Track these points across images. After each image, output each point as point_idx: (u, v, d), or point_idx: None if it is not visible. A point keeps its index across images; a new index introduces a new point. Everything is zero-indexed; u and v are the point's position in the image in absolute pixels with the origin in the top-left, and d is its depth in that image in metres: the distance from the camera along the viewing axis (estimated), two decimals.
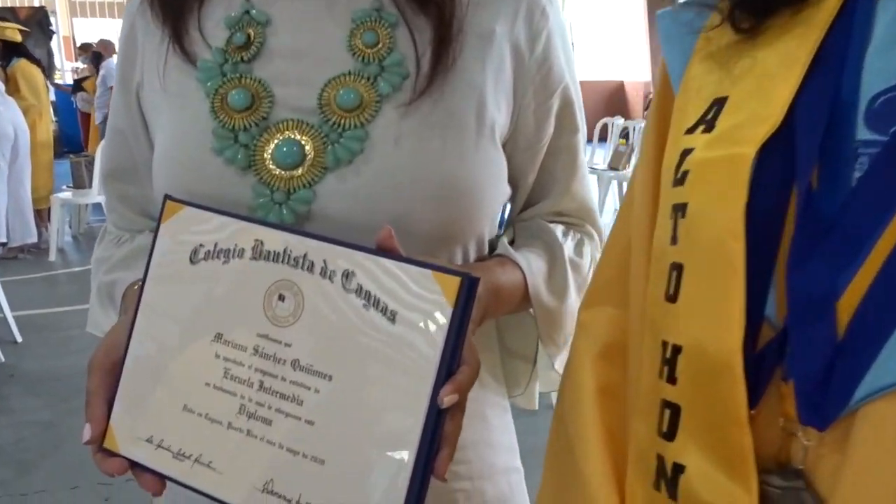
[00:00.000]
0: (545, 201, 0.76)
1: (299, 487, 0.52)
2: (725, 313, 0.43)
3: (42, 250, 5.45)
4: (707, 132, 0.48)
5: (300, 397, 0.52)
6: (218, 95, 0.65)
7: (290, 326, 0.53)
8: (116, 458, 0.57)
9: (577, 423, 0.59)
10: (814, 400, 0.41)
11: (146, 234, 0.78)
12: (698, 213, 0.46)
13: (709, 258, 0.45)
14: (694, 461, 0.45)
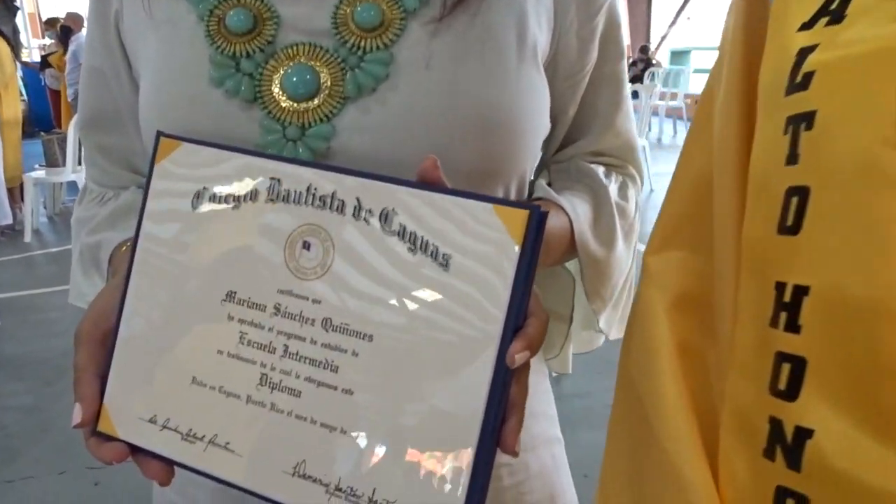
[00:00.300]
0: (585, 139, 0.67)
1: (338, 469, 0.43)
2: (876, 243, 0.35)
3: (17, 232, 5.30)
4: (834, 24, 0.39)
5: (334, 363, 0.44)
6: (213, 17, 0.56)
7: (318, 279, 0.44)
8: (114, 442, 0.48)
9: (652, 387, 0.50)
10: None
11: (133, 191, 0.68)
12: (834, 122, 0.37)
13: (850, 176, 0.36)
14: (826, 423, 0.37)
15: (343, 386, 0.43)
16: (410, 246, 0.43)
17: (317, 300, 0.44)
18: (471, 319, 0.42)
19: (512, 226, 0.41)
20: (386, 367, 0.43)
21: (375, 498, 0.42)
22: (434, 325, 0.42)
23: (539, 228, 0.41)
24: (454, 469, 0.41)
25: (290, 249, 0.45)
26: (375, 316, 0.43)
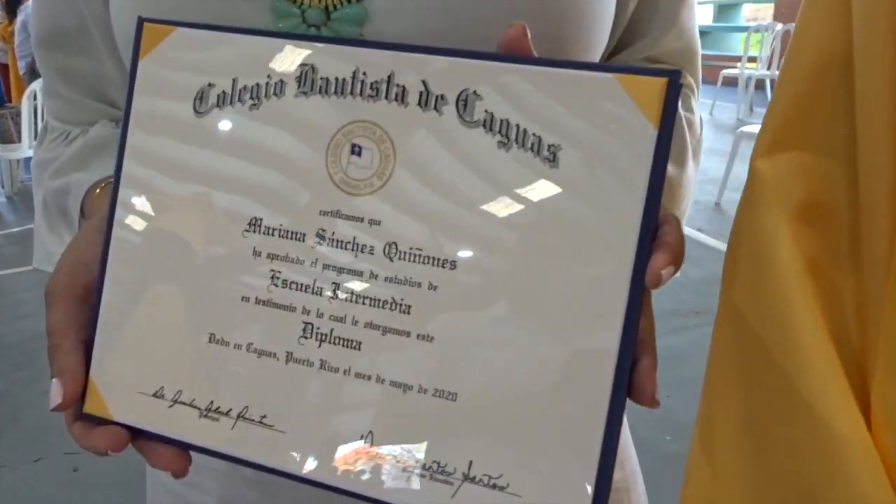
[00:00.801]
0: (643, 40, 0.55)
1: (417, 441, 0.33)
2: None
3: None
4: None
5: (405, 301, 0.33)
6: None
7: (374, 193, 0.33)
8: (107, 426, 0.37)
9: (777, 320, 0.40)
10: None
11: (104, 125, 0.56)
12: None
13: None
14: None
15: (418, 331, 0.33)
16: (502, 139, 0.32)
17: (375, 221, 0.33)
18: (590, 231, 0.31)
19: (644, 100, 0.30)
20: (475, 302, 0.32)
21: (473, 473, 0.32)
22: (538, 241, 0.31)
23: (676, 102, 0.31)
24: (580, 426, 0.31)
25: (335, 157, 0.34)
26: (457, 235, 0.32)
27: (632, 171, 0.30)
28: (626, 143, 0.30)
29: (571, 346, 0.31)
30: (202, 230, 0.36)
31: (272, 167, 0.35)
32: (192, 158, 0.36)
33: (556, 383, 0.31)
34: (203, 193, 0.36)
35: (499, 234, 0.32)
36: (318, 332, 0.34)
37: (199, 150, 0.36)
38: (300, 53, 0.34)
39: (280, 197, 0.35)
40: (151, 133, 0.37)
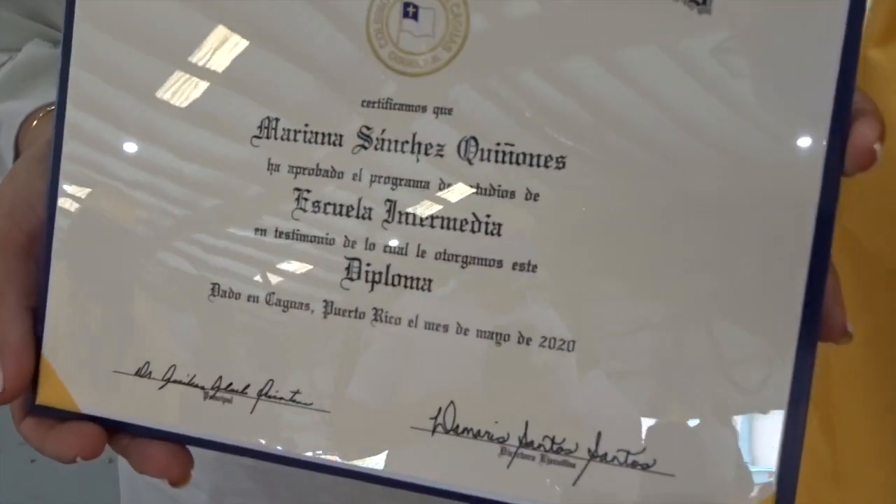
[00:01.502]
0: None
1: (516, 410, 0.24)
2: None
3: None
4: None
5: (492, 218, 0.23)
6: None
7: (440, 70, 0.24)
8: (74, 423, 0.27)
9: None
10: None
11: (37, 43, 0.45)
12: None
13: None
14: None
15: (514, 258, 0.23)
16: None
17: (444, 109, 0.24)
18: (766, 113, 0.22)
19: None
20: (594, 216, 0.23)
21: (600, 451, 0.23)
22: (687, 128, 0.22)
23: None
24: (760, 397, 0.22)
25: (379, 22, 0.24)
26: (566, 124, 0.23)
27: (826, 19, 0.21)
28: None
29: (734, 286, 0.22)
30: (189, 143, 0.26)
31: (291, 41, 0.25)
32: (167, 39, 0.26)
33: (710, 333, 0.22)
34: (188, 93, 0.26)
35: (630, 114, 0.22)
36: (369, 270, 0.24)
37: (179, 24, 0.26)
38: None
39: (305, 84, 0.25)
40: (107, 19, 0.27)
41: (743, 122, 0.22)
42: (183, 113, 0.26)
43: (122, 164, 0.27)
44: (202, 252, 0.26)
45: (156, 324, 0.27)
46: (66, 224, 0.27)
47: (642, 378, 0.23)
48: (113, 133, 0.27)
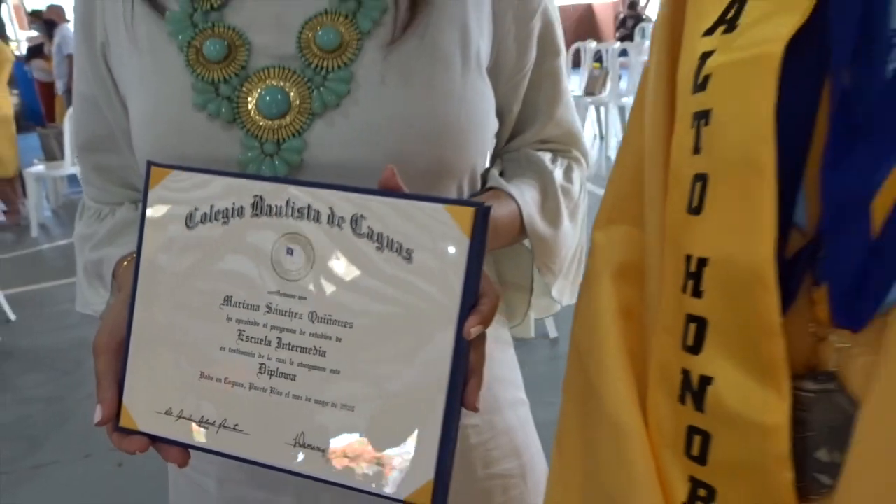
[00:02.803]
0: (530, 130, 0.74)
1: (330, 436, 0.51)
2: (756, 222, 0.42)
3: (23, 227, 5.38)
4: (728, 32, 0.46)
5: (322, 348, 0.51)
6: (192, 48, 0.62)
7: (302, 279, 0.52)
8: (135, 435, 0.56)
9: (596, 346, 0.58)
10: (848, 301, 0.40)
11: (128, 207, 0.74)
12: (723, 120, 0.44)
13: (736, 166, 0.43)
14: (723, 372, 0.45)
15: (331, 367, 0.51)
16: (378, 245, 0.50)
17: (302, 297, 0.52)
18: (433, 302, 0.49)
19: (461, 221, 0.48)
20: (365, 348, 0.50)
21: (368, 457, 0.50)
22: (403, 309, 0.50)
23: (485, 222, 0.49)
24: (429, 425, 0.49)
25: (277, 255, 0.52)
26: (353, 306, 0.51)
27: (456, 264, 0.48)
28: (451, 247, 0.48)
29: (421, 376, 0.49)
30: (193, 305, 0.55)
31: (238, 262, 0.54)
32: (185, 257, 0.55)
33: (414, 398, 0.49)
34: (193, 280, 0.55)
35: (377, 304, 0.50)
36: (269, 369, 0.52)
37: (190, 251, 0.55)
38: (252, 188, 0.53)
39: (243, 282, 0.53)
40: (157, 241, 0.56)
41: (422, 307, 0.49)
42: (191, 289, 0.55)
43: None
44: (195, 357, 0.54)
45: (174, 391, 0.55)
46: (137, 337, 0.56)
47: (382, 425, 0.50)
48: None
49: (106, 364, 0.56)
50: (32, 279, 4.30)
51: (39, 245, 5.07)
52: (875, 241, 0.39)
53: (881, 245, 0.38)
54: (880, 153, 0.39)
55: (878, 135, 0.39)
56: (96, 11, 0.68)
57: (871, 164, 0.39)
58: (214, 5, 0.62)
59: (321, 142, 0.60)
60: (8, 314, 3.73)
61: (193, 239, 0.54)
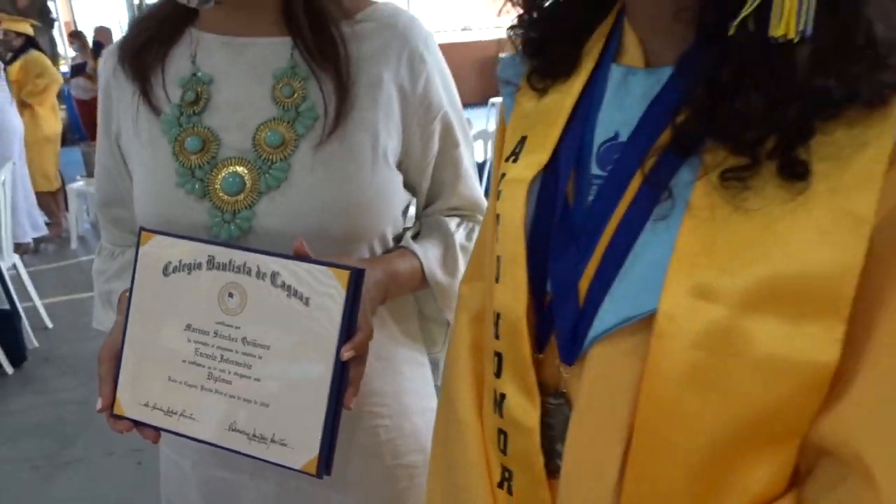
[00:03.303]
0: (440, 201, 0.97)
1: (253, 424, 0.74)
2: (518, 291, 0.64)
3: (64, 239, 5.71)
4: (514, 162, 0.68)
5: (248, 363, 0.74)
6: (178, 142, 0.86)
7: (238, 315, 0.75)
8: (123, 419, 0.80)
9: (453, 370, 0.80)
10: (566, 346, 0.62)
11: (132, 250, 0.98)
12: (504, 222, 0.66)
13: (510, 254, 0.65)
14: (510, 391, 0.67)
15: (254, 376, 0.74)
16: (287, 293, 0.73)
17: (238, 327, 0.75)
18: (322, 333, 0.72)
19: (342, 279, 0.71)
20: (276, 364, 0.73)
21: (275, 439, 0.73)
22: (302, 337, 0.72)
23: (358, 280, 0.71)
24: (318, 418, 0.72)
25: (222, 297, 0.76)
26: (270, 334, 0.74)
27: (336, 308, 0.71)
28: (334, 296, 0.71)
29: (314, 384, 0.72)
30: (166, 328, 0.78)
31: (196, 300, 0.77)
32: (162, 295, 0.79)
33: (307, 399, 0.72)
34: (167, 311, 0.78)
35: (285, 334, 0.73)
36: (214, 376, 0.76)
37: (165, 292, 0.78)
38: (208, 250, 0.76)
39: (200, 315, 0.77)
40: (143, 283, 0.80)
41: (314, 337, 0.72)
42: (165, 319, 0.78)
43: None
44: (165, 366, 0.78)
45: (151, 390, 0.79)
46: (128, 350, 0.80)
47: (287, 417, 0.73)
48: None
49: (106, 369, 0.80)
50: (70, 289, 4.62)
51: (78, 257, 5.39)
52: (581, 308, 0.60)
53: (584, 310, 0.60)
54: (584, 252, 0.61)
55: (582, 240, 0.61)
56: (113, 109, 0.93)
57: (578, 259, 0.61)
58: (195, 111, 0.86)
59: (265, 214, 0.84)
60: (46, 322, 4.02)
61: (167, 283, 0.78)
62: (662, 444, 0.56)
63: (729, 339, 0.52)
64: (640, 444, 0.57)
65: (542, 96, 0.68)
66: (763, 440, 0.55)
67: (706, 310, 0.52)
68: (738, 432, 0.54)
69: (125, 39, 0.91)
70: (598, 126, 0.62)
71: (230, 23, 0.87)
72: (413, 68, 0.87)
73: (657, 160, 0.56)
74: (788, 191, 0.50)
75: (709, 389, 0.53)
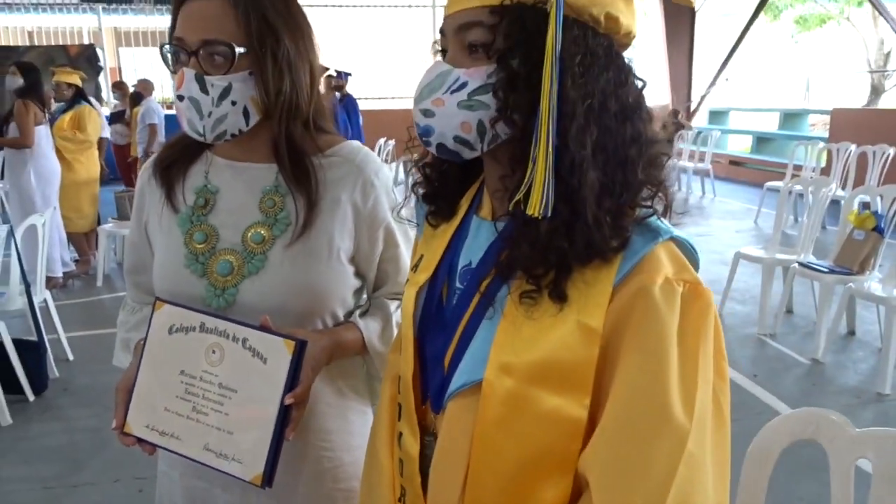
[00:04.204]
0: (384, 287, 1.27)
1: (221, 446, 1.03)
2: (408, 361, 0.93)
3: (90, 276, 6.09)
4: (414, 271, 0.98)
5: (221, 401, 1.04)
6: (188, 234, 1.17)
7: (217, 366, 1.05)
8: (130, 436, 1.09)
9: (378, 418, 1.09)
10: (435, 400, 0.90)
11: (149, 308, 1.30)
12: (403, 312, 0.96)
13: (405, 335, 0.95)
14: (405, 431, 0.95)
15: (224, 411, 1.03)
16: (252, 353, 1.03)
17: (216, 374, 1.04)
18: (273, 383, 1.01)
19: (289, 347, 1.01)
20: (240, 404, 1.03)
21: (234, 458, 1.02)
22: (259, 385, 1.02)
23: (302, 348, 1.01)
24: (265, 443, 1.00)
25: (207, 352, 1.05)
26: (238, 381, 1.03)
27: (284, 366, 1.01)
28: (283, 358, 1.01)
29: (265, 418, 1.01)
30: (166, 372, 1.08)
31: (189, 353, 1.07)
32: (166, 347, 1.09)
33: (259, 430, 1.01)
34: (167, 359, 1.08)
35: (248, 381, 1.02)
36: (197, 409, 1.05)
37: (167, 344, 1.09)
38: (200, 318, 1.07)
39: (191, 363, 1.06)
40: (154, 338, 1.10)
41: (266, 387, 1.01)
42: (165, 367, 1.09)
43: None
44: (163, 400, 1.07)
45: (151, 416, 1.08)
46: (138, 385, 1.10)
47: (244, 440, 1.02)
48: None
49: (121, 397, 1.10)
50: (92, 324, 4.95)
51: (101, 294, 5.74)
52: (445, 375, 0.89)
53: (446, 377, 0.89)
54: (448, 334, 0.90)
55: (449, 326, 0.90)
56: (145, 203, 1.25)
57: (444, 339, 0.90)
58: (203, 213, 1.18)
59: (246, 291, 1.14)
60: (68, 353, 4.34)
61: (170, 339, 1.08)
62: (485, 467, 0.84)
63: (519, 400, 0.80)
64: (473, 467, 0.84)
65: (435, 229, 0.99)
66: (548, 469, 0.82)
67: (507, 380, 0.81)
68: (530, 461, 0.81)
69: (159, 157, 1.24)
70: (461, 256, 0.93)
71: (234, 151, 1.20)
72: (365, 191, 1.19)
73: (489, 283, 0.86)
74: (555, 307, 0.79)
75: (511, 432, 0.81)
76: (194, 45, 1.07)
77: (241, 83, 1.10)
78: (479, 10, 0.80)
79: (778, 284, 4.95)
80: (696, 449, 0.74)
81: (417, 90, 0.86)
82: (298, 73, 1.14)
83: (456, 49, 0.83)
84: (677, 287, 0.78)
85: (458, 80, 0.82)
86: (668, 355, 0.75)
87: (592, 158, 0.78)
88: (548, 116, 0.76)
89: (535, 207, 0.77)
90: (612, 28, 0.82)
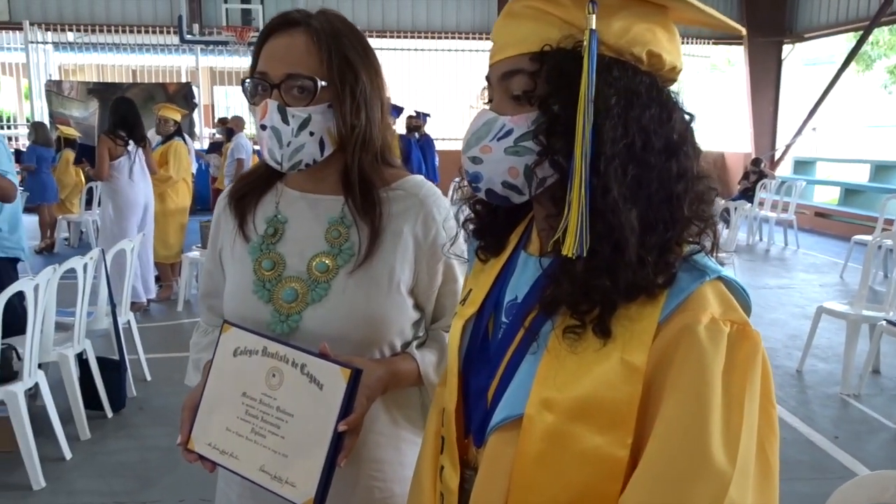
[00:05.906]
0: (442, 320, 1.30)
1: (275, 468, 1.07)
2: (452, 394, 0.95)
3: (172, 302, 6.33)
4: (462, 304, 1.01)
5: (278, 424, 1.07)
6: (257, 262, 1.23)
7: (277, 390, 1.09)
8: (193, 453, 1.14)
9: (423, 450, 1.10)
10: (478, 436, 0.92)
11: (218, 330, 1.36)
12: (449, 345, 0.98)
13: (450, 368, 0.97)
14: (447, 464, 0.97)
15: (280, 434, 1.07)
16: (309, 379, 1.06)
17: (274, 398, 1.09)
18: (328, 409, 1.04)
19: (345, 375, 1.04)
20: (296, 427, 1.06)
21: (287, 480, 1.05)
22: (314, 410, 1.05)
23: (357, 377, 1.04)
24: (317, 468, 1.03)
25: (268, 376, 1.10)
26: (295, 406, 1.07)
27: (339, 393, 1.04)
28: (339, 384, 1.04)
29: (317, 443, 1.04)
30: (229, 392, 1.13)
31: (251, 375, 1.11)
32: (230, 368, 1.14)
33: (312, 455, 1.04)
34: (231, 381, 1.13)
35: (303, 406, 1.06)
36: (256, 430, 1.09)
37: (232, 366, 1.14)
38: (263, 343, 1.11)
39: (252, 385, 1.11)
40: (220, 360, 1.15)
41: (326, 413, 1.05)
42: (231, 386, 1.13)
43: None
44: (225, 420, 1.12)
45: (214, 434, 1.13)
46: (203, 404, 1.15)
47: (301, 466, 1.05)
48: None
49: (187, 415, 1.16)
50: (170, 348, 5.15)
51: (181, 319, 5.96)
52: (487, 409, 0.91)
53: (489, 411, 0.91)
54: (492, 368, 0.91)
55: (493, 360, 0.92)
56: (220, 232, 1.32)
57: (488, 373, 0.92)
58: (273, 241, 1.24)
59: (309, 318, 1.19)
60: (146, 374, 4.53)
61: (235, 361, 1.13)
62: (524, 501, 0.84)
63: (559, 437, 0.81)
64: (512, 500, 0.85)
65: (484, 264, 1.01)
66: None
67: (547, 416, 0.81)
68: (569, 501, 0.82)
69: (234, 189, 1.32)
70: (508, 291, 0.94)
71: (305, 183, 1.26)
72: (426, 225, 1.23)
73: (533, 318, 0.87)
74: (598, 342, 0.80)
75: (550, 469, 0.82)
76: (277, 78, 1.15)
77: (319, 115, 1.16)
78: (520, 59, 0.83)
79: (864, 343, 4.73)
80: (739, 497, 0.72)
81: (465, 138, 0.89)
82: (373, 108, 1.20)
83: (501, 97, 0.86)
84: (724, 327, 0.77)
85: (503, 128, 0.85)
86: (710, 396, 0.74)
87: (634, 196, 0.79)
88: (581, 159, 0.78)
89: (570, 248, 0.78)
90: (655, 65, 0.83)
